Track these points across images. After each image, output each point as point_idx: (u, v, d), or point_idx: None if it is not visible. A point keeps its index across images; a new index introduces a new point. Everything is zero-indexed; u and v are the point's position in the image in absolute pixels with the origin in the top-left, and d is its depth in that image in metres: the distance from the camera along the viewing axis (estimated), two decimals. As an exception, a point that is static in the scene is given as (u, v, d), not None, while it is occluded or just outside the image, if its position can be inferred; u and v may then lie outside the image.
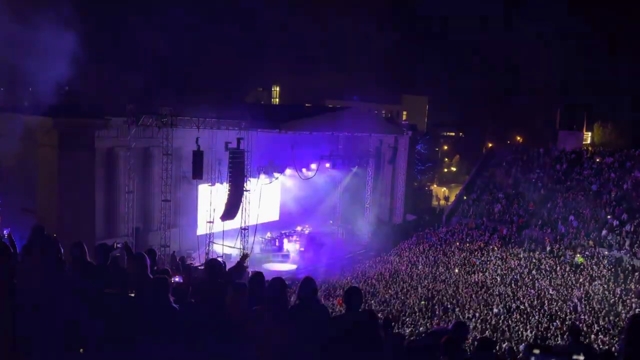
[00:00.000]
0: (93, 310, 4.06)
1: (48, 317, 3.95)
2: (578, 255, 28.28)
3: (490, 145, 55.64)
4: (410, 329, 18.83)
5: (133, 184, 24.80)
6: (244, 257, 6.94)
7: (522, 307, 21.88)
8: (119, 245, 5.87)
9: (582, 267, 26.98)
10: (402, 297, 23.77)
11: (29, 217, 21.28)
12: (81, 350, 3.92)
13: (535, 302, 22.45)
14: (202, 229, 28.53)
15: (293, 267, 29.90)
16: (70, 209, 21.73)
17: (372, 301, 22.91)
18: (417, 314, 21.37)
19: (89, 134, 23.10)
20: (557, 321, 20.09)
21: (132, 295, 4.61)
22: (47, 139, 22.17)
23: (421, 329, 18.82)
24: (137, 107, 24.35)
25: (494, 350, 5.33)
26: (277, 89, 71.63)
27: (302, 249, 32.42)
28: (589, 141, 56.51)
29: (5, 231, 6.99)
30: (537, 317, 20.59)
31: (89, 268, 4.99)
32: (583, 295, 23.06)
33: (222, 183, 27.81)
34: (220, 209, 27.21)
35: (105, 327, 3.96)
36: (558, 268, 27.02)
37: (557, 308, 21.64)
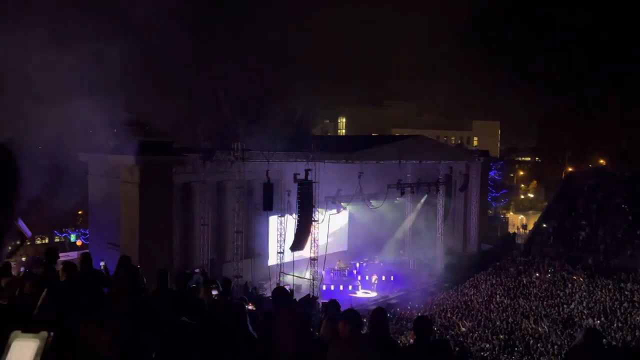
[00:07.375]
0: (173, 336, 4.23)
1: (132, 342, 4.16)
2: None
3: (569, 169, 52.69)
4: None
5: (208, 216, 25.80)
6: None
7: (613, 343, 20.11)
8: (196, 271, 6.15)
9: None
10: (480, 331, 22.66)
11: (114, 251, 22.66)
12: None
13: (629, 337, 20.58)
14: (273, 260, 28.97)
15: (365, 296, 29.50)
16: (150, 241, 22.88)
17: (447, 335, 22.00)
18: (496, 349, 20.24)
19: (167, 170, 24.43)
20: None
21: (209, 323, 4.77)
22: (130, 176, 23.66)
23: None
24: (211, 144, 25.69)
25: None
26: (343, 120, 72.43)
27: (372, 280, 31.93)
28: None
29: (101, 262, 7.89)
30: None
31: (170, 295, 5.24)
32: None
33: (291, 214, 28.25)
34: (290, 239, 27.57)
35: (182, 352, 4.11)
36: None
37: (655, 345, 19.70)
